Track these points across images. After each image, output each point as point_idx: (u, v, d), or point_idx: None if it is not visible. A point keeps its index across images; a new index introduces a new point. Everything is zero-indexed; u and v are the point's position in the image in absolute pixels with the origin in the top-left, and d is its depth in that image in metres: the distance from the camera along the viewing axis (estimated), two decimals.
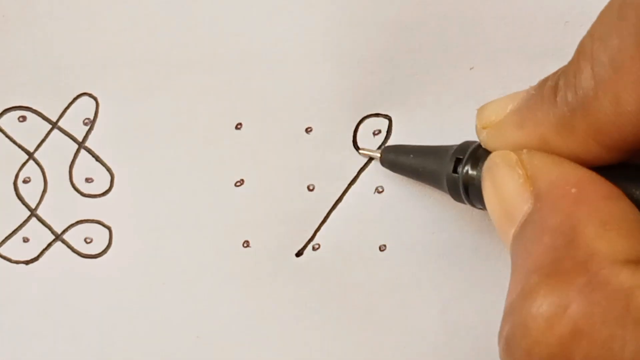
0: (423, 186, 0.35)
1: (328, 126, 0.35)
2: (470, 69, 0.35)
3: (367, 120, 0.36)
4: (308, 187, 0.36)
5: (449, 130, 0.35)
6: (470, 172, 0.30)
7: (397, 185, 0.36)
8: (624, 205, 0.25)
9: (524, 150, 0.27)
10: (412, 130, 0.35)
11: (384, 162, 0.35)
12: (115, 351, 0.35)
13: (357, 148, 0.36)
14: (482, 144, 0.30)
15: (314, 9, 0.35)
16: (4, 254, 0.35)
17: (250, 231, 0.36)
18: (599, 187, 0.26)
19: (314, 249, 0.36)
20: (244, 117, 0.35)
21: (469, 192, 0.31)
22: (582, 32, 0.26)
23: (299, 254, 0.36)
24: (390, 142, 0.36)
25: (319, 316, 0.35)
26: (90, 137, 0.35)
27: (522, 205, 0.27)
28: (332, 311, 0.35)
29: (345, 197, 0.36)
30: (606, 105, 0.25)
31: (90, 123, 0.35)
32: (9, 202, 0.35)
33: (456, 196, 0.32)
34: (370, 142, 0.36)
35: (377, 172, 0.36)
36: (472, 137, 0.31)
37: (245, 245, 0.36)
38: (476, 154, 0.30)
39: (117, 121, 0.35)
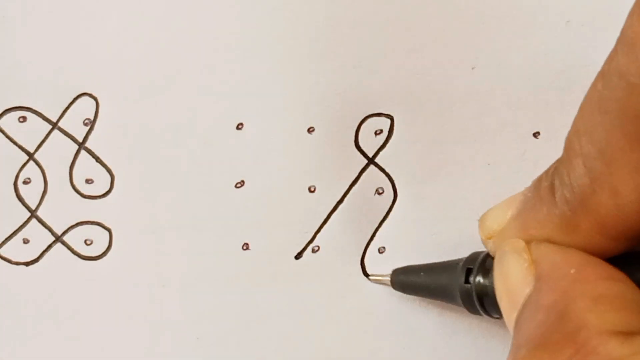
0: (424, 188, 0.35)
1: (329, 126, 0.35)
2: (472, 68, 0.35)
3: (368, 120, 0.35)
4: (309, 189, 0.36)
5: (451, 129, 0.35)
6: (482, 281, 0.30)
7: (397, 186, 0.35)
8: (625, 286, 0.25)
9: (534, 240, 0.28)
10: (414, 130, 0.35)
11: (395, 285, 0.35)
12: (116, 353, 0.35)
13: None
14: (490, 253, 0.30)
15: (314, 8, 0.35)
16: (4, 255, 0.35)
17: (250, 233, 0.35)
18: (599, 269, 0.26)
19: (313, 251, 0.35)
20: (245, 117, 0.35)
21: (483, 303, 0.31)
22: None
23: (298, 256, 0.35)
24: (391, 143, 0.35)
25: (318, 318, 0.35)
26: (91, 137, 0.35)
27: (525, 289, 0.27)
28: (332, 313, 0.35)
29: (345, 199, 0.36)
30: (605, 199, 0.25)
31: (91, 123, 0.35)
32: (9, 203, 0.35)
33: (471, 308, 0.31)
34: (371, 142, 0.35)
35: (377, 174, 0.35)
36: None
37: (244, 247, 0.35)
38: (486, 263, 0.30)
39: (117, 122, 0.35)
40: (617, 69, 0.24)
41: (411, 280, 0.34)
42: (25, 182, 0.35)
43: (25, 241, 0.35)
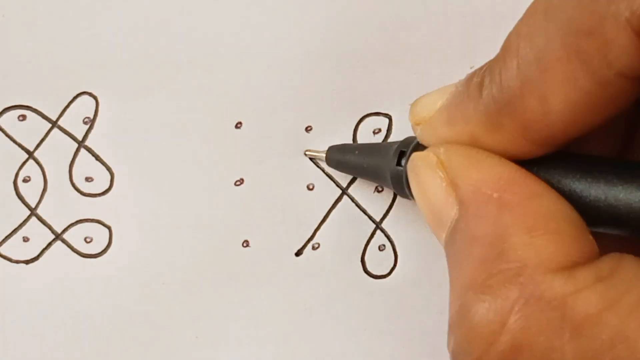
0: None
1: (328, 125, 0.35)
2: (471, 67, 0.35)
3: (367, 119, 0.36)
4: (308, 187, 0.36)
5: None
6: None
7: None
8: (550, 202, 0.25)
9: (441, 149, 0.27)
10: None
11: (330, 161, 0.35)
12: (115, 351, 0.35)
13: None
14: (418, 139, 0.30)
15: (314, 8, 0.35)
16: (4, 253, 0.35)
17: (249, 230, 0.36)
18: (521, 187, 0.26)
19: (313, 248, 0.36)
20: (244, 116, 0.35)
21: None
22: None
23: (298, 253, 0.36)
24: (391, 139, 0.36)
25: (318, 316, 0.35)
26: (90, 136, 0.35)
27: (449, 210, 0.27)
28: (332, 311, 0.35)
29: (344, 197, 0.36)
30: (533, 104, 0.25)
31: (90, 122, 0.35)
32: (8, 201, 0.35)
33: (400, 191, 0.31)
34: (370, 141, 0.36)
35: None
36: None
37: (244, 244, 0.36)
38: (418, 148, 0.30)
39: (117, 120, 0.35)
40: None
41: (346, 158, 0.34)
42: (25, 181, 0.35)
43: (25, 239, 0.35)
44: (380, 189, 0.36)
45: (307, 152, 0.35)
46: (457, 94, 0.28)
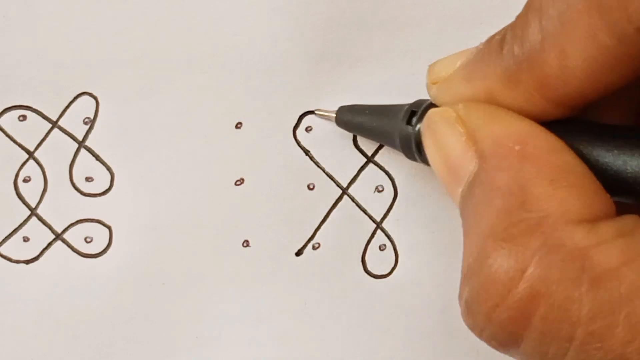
0: (424, 185, 0.35)
1: (328, 125, 0.35)
2: None
3: None
4: (308, 186, 0.36)
5: None
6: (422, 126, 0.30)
7: (397, 184, 0.36)
8: (569, 158, 0.25)
9: (460, 105, 0.27)
10: None
11: (339, 121, 0.35)
12: (115, 351, 0.35)
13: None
14: (432, 99, 0.30)
15: (313, 8, 0.35)
16: (4, 253, 0.35)
17: (250, 230, 0.36)
18: (542, 141, 0.26)
19: (314, 248, 0.36)
20: (244, 116, 0.35)
21: (420, 149, 0.30)
22: None
23: (298, 253, 0.36)
24: None
25: (318, 316, 0.35)
26: (91, 136, 0.35)
27: (467, 164, 0.26)
28: (332, 311, 0.35)
29: (345, 196, 0.36)
30: (552, 59, 0.25)
31: (91, 122, 0.35)
32: (9, 201, 0.35)
33: (408, 153, 0.31)
34: (370, 141, 0.36)
35: (377, 172, 0.36)
36: None
37: (245, 244, 0.36)
38: (430, 108, 0.30)
39: (117, 120, 0.35)
40: None
41: (355, 119, 0.34)
42: (25, 181, 0.35)
43: (26, 239, 0.35)
44: (380, 189, 0.36)
45: (317, 112, 0.35)
46: (477, 52, 0.28)
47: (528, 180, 0.25)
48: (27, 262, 0.35)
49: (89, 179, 0.35)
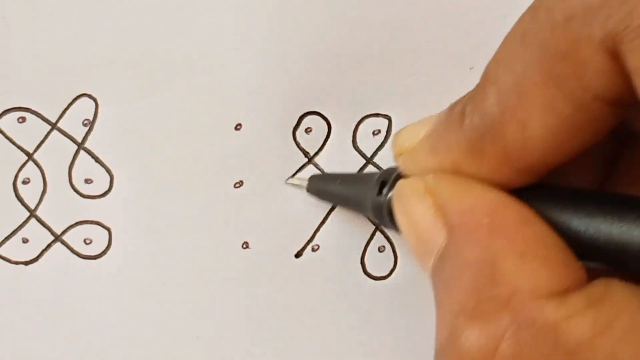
0: None
1: (327, 126, 0.35)
2: (470, 69, 0.35)
3: (366, 120, 0.36)
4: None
5: None
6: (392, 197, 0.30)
7: None
8: (539, 228, 0.25)
9: (430, 176, 0.27)
10: None
11: (311, 190, 0.35)
12: (115, 352, 0.35)
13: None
14: (400, 169, 0.30)
15: (314, 8, 0.35)
16: (3, 254, 0.35)
17: (249, 232, 0.36)
18: (511, 213, 0.25)
19: (313, 250, 0.36)
20: (243, 117, 0.35)
21: (393, 217, 0.30)
22: None
23: (298, 254, 0.36)
24: (389, 144, 0.36)
25: (318, 317, 0.35)
26: (90, 138, 0.35)
27: (437, 237, 0.26)
28: (332, 312, 0.35)
29: None
30: (513, 130, 0.25)
31: (90, 124, 0.35)
32: (8, 202, 0.35)
33: (381, 221, 0.31)
34: (370, 142, 0.36)
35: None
36: None
37: (244, 246, 0.36)
38: (400, 178, 0.30)
39: (116, 122, 0.35)
40: (546, 4, 0.24)
41: (327, 188, 0.34)
42: (24, 182, 0.35)
43: (25, 241, 0.35)
44: None
45: (288, 181, 0.35)
46: (439, 123, 0.28)
47: (497, 254, 0.25)
48: (27, 263, 0.35)
49: (88, 181, 0.35)
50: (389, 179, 0.30)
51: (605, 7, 0.23)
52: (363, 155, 0.36)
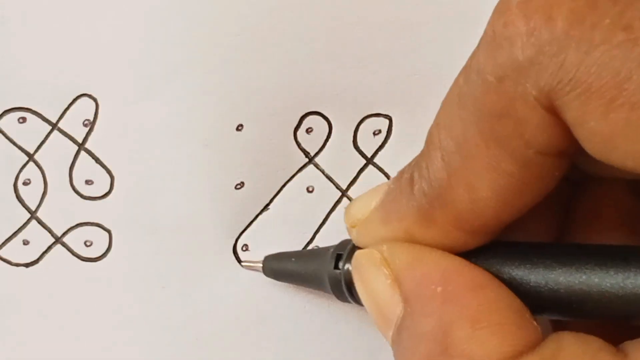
0: None
1: (328, 127, 0.35)
2: None
3: (367, 120, 0.36)
4: (307, 189, 0.36)
5: None
6: (351, 268, 0.30)
7: None
8: (492, 292, 0.25)
9: (384, 247, 0.27)
10: (413, 130, 0.35)
11: (267, 271, 0.35)
12: (115, 354, 0.35)
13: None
14: (354, 242, 0.30)
15: (314, 8, 0.35)
16: (4, 256, 0.35)
17: (249, 234, 0.35)
18: (463, 279, 0.26)
19: None
20: (245, 118, 0.35)
21: (352, 290, 0.30)
22: None
23: None
24: (390, 144, 0.36)
25: (318, 316, 0.35)
26: (90, 138, 0.35)
27: (394, 309, 0.26)
28: (331, 311, 0.35)
29: (344, 198, 0.36)
30: (461, 193, 0.25)
31: (90, 124, 0.35)
32: (9, 204, 0.35)
33: (339, 295, 0.31)
34: (370, 142, 0.36)
35: (376, 173, 0.36)
36: None
37: (244, 248, 0.35)
38: (355, 250, 0.30)
39: (117, 123, 0.35)
40: (477, 66, 0.24)
41: (282, 267, 0.34)
42: (25, 183, 0.35)
43: (25, 242, 0.35)
44: None
45: (243, 264, 0.35)
46: (389, 192, 0.28)
47: (450, 324, 0.25)
48: (27, 265, 0.35)
49: (88, 182, 0.35)
50: (344, 252, 0.30)
51: (536, 64, 0.23)
52: (364, 155, 0.36)
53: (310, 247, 0.35)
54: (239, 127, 0.35)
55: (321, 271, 0.32)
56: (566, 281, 0.25)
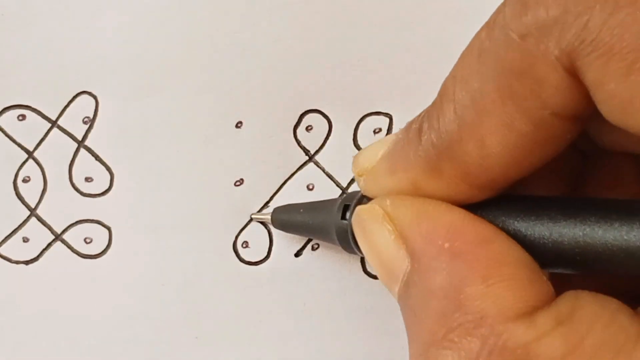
0: None
1: (328, 124, 0.35)
2: None
3: (367, 119, 0.36)
4: (308, 187, 0.36)
5: None
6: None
7: None
8: (501, 246, 0.25)
9: (387, 201, 0.27)
10: None
11: (275, 222, 0.35)
12: (115, 351, 0.35)
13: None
14: (361, 191, 0.30)
15: (314, 7, 0.35)
16: (3, 253, 0.35)
17: (249, 231, 0.35)
18: (471, 234, 0.25)
19: (313, 249, 0.36)
20: (244, 115, 0.35)
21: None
22: None
23: (297, 254, 0.36)
24: None
25: (318, 316, 0.35)
26: (90, 136, 0.35)
27: (400, 264, 0.26)
28: (331, 311, 0.35)
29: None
30: (471, 148, 0.25)
31: (90, 122, 0.35)
32: (8, 201, 0.35)
33: (347, 246, 0.31)
34: (370, 140, 0.35)
35: None
36: None
37: (244, 245, 0.35)
38: (362, 201, 0.29)
39: (116, 120, 0.35)
40: (501, 22, 0.24)
41: (290, 218, 0.34)
42: (24, 181, 0.35)
43: (25, 240, 0.35)
44: None
45: (252, 216, 0.35)
46: (397, 142, 0.28)
47: (461, 280, 0.24)
48: (27, 262, 0.35)
49: (88, 179, 0.35)
50: (352, 203, 0.30)
51: (559, 23, 0.23)
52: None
53: (310, 245, 0.35)
54: (239, 125, 0.35)
55: (329, 222, 0.31)
56: (570, 233, 0.25)
